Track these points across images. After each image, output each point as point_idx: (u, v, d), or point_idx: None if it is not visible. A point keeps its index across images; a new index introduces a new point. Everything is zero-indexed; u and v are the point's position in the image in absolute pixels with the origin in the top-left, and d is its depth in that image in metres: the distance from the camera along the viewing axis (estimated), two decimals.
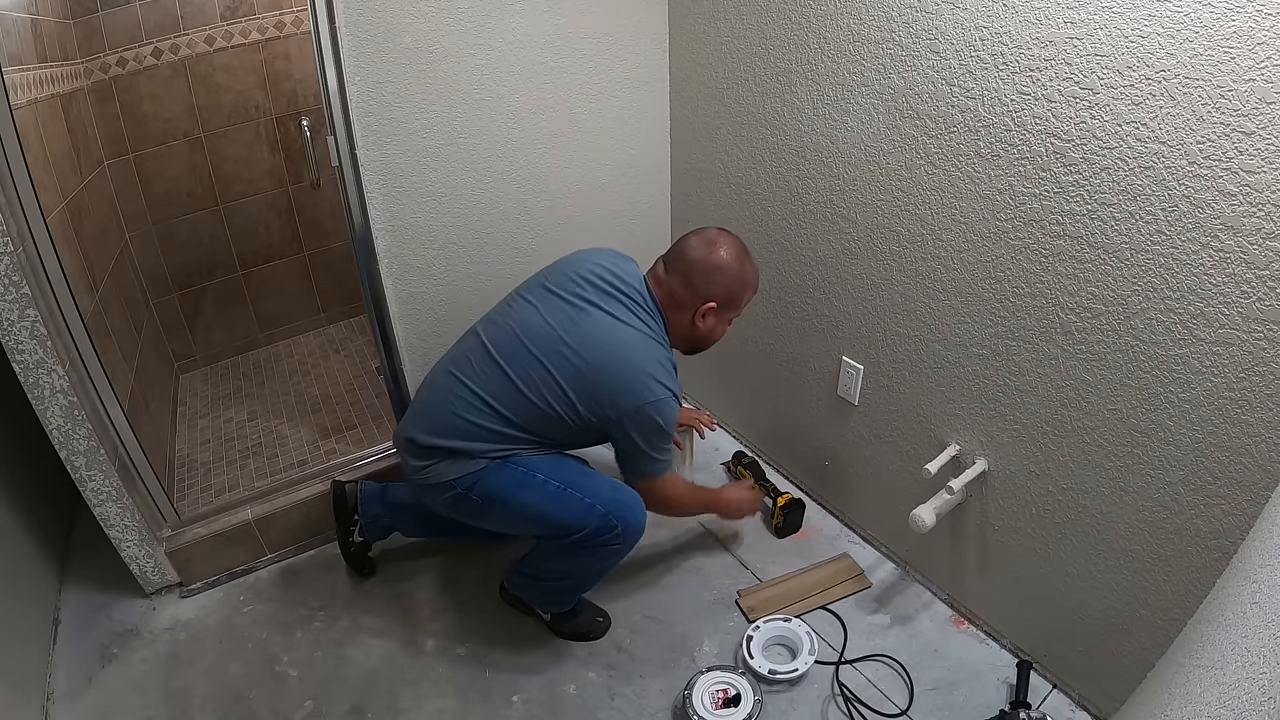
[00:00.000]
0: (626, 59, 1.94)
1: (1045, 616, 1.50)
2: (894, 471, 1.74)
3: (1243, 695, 0.65)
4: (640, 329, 1.45)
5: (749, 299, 1.55)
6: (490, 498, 1.44)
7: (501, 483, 1.43)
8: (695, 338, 1.54)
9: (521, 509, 1.44)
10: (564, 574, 1.57)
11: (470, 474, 1.43)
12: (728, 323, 1.56)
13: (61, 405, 1.53)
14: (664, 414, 1.42)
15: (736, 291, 1.51)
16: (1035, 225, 1.28)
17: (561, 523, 1.45)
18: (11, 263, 1.39)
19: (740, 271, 1.50)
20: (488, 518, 1.49)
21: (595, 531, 1.44)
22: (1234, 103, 0.99)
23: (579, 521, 1.44)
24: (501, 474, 1.43)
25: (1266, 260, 1.01)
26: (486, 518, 1.49)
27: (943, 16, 1.31)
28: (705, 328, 1.52)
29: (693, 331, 1.52)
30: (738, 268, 1.50)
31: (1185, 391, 1.15)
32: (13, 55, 1.66)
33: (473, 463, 1.43)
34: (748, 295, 1.54)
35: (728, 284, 1.49)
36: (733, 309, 1.53)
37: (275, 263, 2.81)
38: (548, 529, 1.47)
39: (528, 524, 1.49)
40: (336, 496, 1.78)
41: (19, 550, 1.69)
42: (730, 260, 1.49)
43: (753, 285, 1.54)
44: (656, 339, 1.47)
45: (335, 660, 1.64)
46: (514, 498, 1.43)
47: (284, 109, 2.59)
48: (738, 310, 1.55)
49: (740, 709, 1.44)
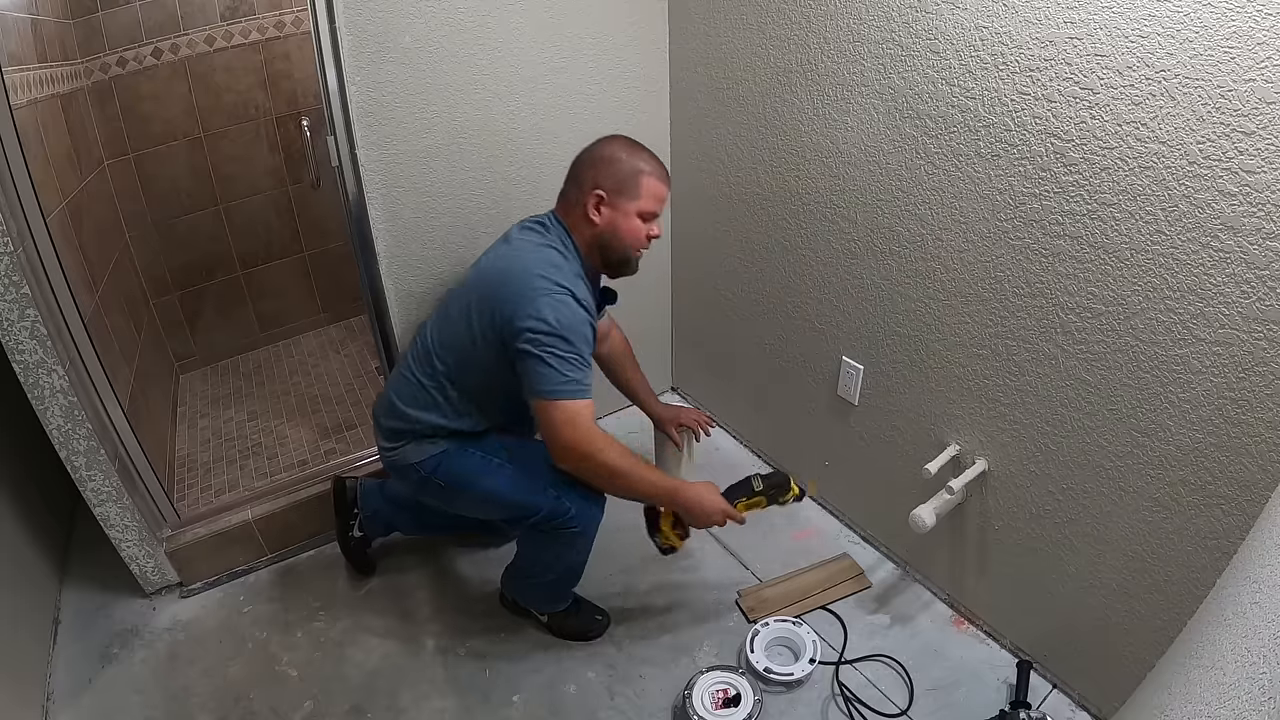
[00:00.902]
0: (626, 59, 1.94)
1: (1045, 616, 1.50)
2: (894, 471, 1.74)
3: (1243, 695, 0.65)
4: (537, 242, 1.41)
5: (651, 187, 1.39)
6: (451, 481, 1.48)
7: (462, 466, 1.48)
8: (599, 238, 1.41)
9: (480, 491, 1.48)
10: (544, 568, 1.58)
11: (432, 457, 1.47)
12: (636, 216, 1.40)
13: (61, 405, 1.53)
14: (555, 309, 1.30)
15: (627, 176, 1.38)
16: (1035, 225, 1.28)
17: (518, 504, 1.46)
18: (11, 263, 1.39)
19: (627, 156, 1.39)
20: (452, 501, 1.53)
21: (550, 514, 1.45)
22: (1234, 103, 0.99)
23: (534, 503, 1.45)
24: (461, 457, 1.48)
25: (1266, 260, 1.01)
26: (451, 501, 1.53)
27: (943, 16, 1.31)
28: (603, 222, 1.40)
29: (594, 230, 1.41)
30: (624, 154, 1.39)
31: (1185, 391, 1.15)
32: (13, 55, 1.66)
33: (434, 445, 1.48)
34: (646, 182, 1.39)
35: (613, 170, 1.38)
36: (629, 197, 1.38)
37: (275, 263, 2.81)
38: (506, 512, 1.50)
39: (487, 506, 1.52)
40: (337, 491, 1.80)
41: (19, 550, 1.70)
42: (614, 148, 1.40)
43: (651, 172, 1.39)
44: (555, 247, 1.40)
45: (335, 660, 1.64)
46: (473, 480, 1.47)
47: (284, 109, 2.59)
48: (637, 198, 1.39)
49: (740, 709, 1.44)
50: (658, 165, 1.42)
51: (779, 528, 1.96)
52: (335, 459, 2.11)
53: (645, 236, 1.43)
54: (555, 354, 1.30)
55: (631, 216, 1.40)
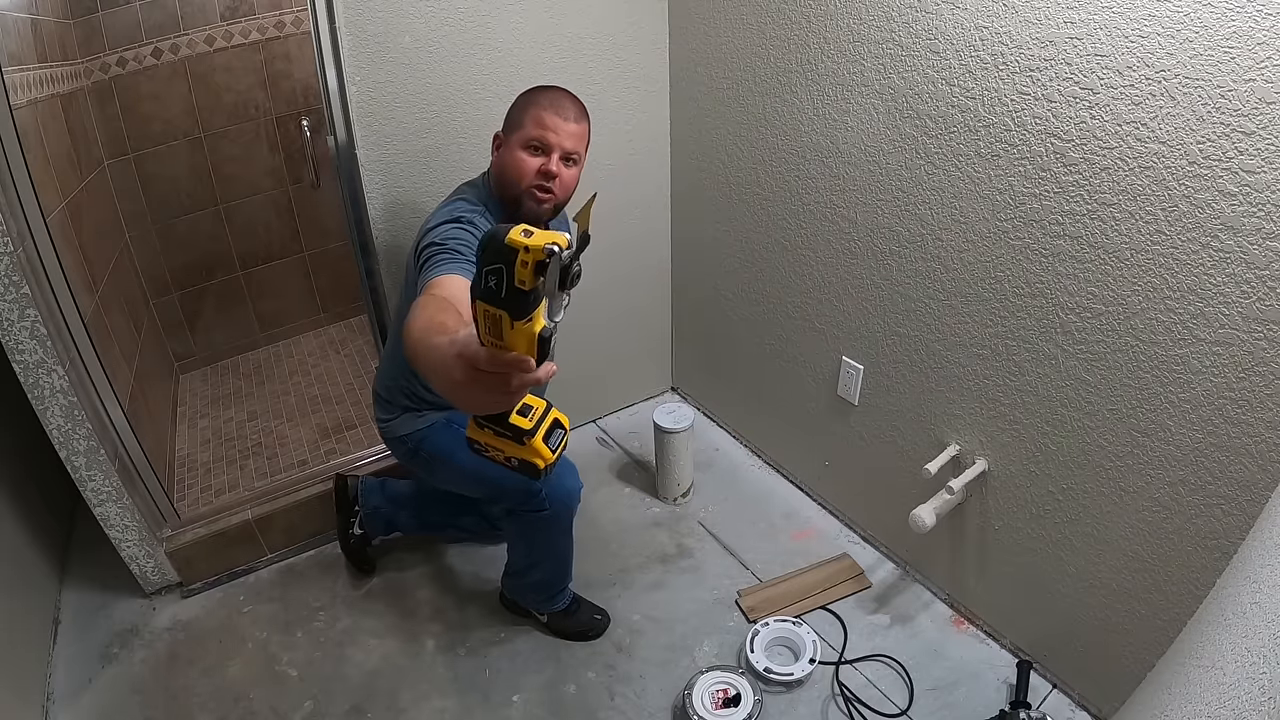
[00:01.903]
0: (626, 59, 1.94)
1: (1045, 616, 1.50)
2: (894, 471, 1.74)
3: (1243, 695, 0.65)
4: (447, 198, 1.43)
5: (536, 117, 1.35)
6: (435, 453, 1.53)
7: (446, 440, 1.52)
8: (497, 179, 1.40)
9: (461, 466, 1.50)
10: (532, 563, 1.58)
11: (419, 430, 1.54)
12: (520, 148, 1.36)
13: (61, 405, 1.53)
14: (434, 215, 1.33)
15: (517, 111, 1.38)
16: (1035, 225, 1.28)
17: (494, 482, 1.47)
18: (11, 263, 1.39)
19: (526, 95, 1.39)
20: (437, 473, 1.58)
21: (524, 494, 1.45)
22: (1234, 103, 0.99)
23: (507, 481, 1.43)
24: (446, 432, 1.53)
25: (1266, 260, 1.01)
26: (436, 473, 1.58)
27: (943, 16, 1.31)
28: (498, 160, 1.40)
29: (494, 171, 1.41)
30: (527, 94, 1.39)
31: (1185, 391, 1.15)
32: (13, 55, 1.66)
33: (422, 419, 1.54)
34: (532, 113, 1.36)
35: (511, 110, 1.40)
36: (515, 129, 1.37)
37: (275, 263, 2.81)
38: (483, 488, 1.54)
39: (467, 482, 1.56)
40: (338, 488, 1.81)
41: (19, 550, 1.69)
42: (525, 92, 1.40)
43: (540, 103, 1.36)
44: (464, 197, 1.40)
45: (335, 660, 1.64)
46: (453, 454, 1.51)
47: (284, 109, 2.59)
48: (521, 128, 1.36)
49: (740, 709, 1.44)
50: (557, 97, 1.37)
51: (779, 528, 1.96)
52: (335, 459, 2.10)
53: (534, 170, 1.34)
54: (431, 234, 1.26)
55: (515, 149, 1.35)
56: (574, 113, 1.37)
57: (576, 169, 1.40)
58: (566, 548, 1.59)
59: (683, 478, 2.02)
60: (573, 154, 1.37)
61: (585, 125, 1.40)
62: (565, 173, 1.37)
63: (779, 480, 2.12)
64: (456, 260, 1.17)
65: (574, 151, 1.37)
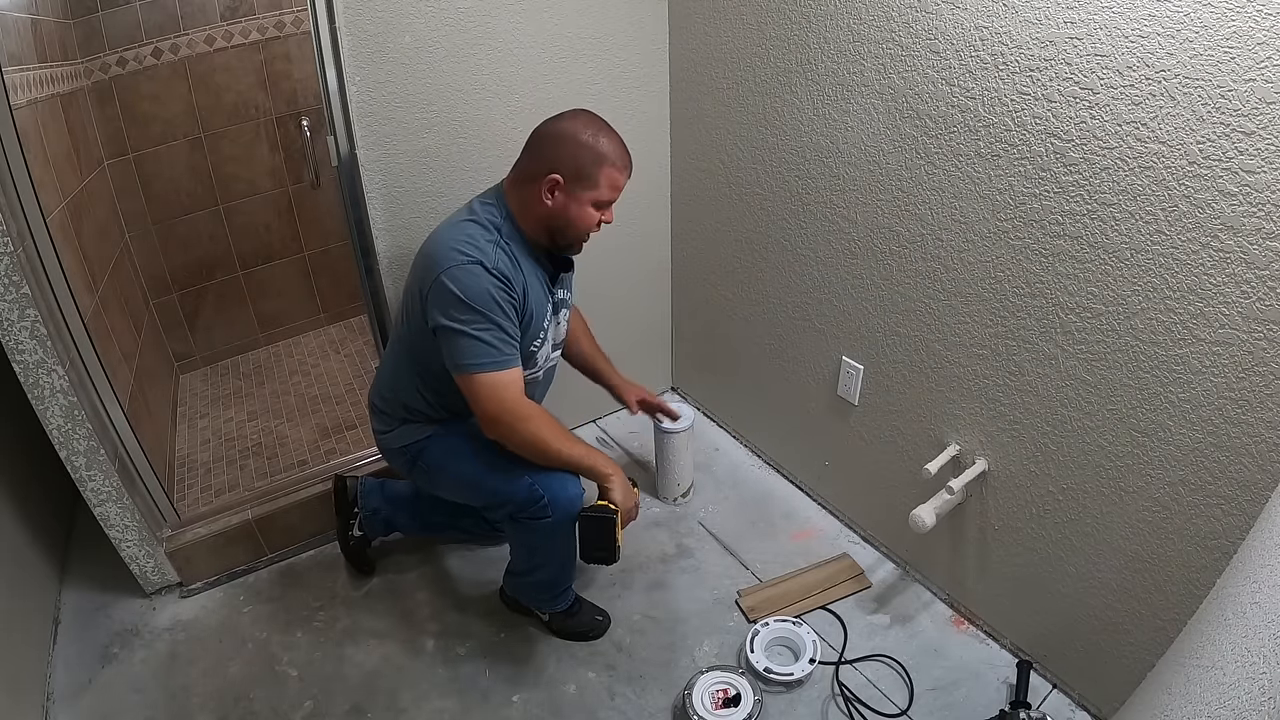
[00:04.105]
0: (626, 59, 1.94)
1: (1045, 616, 1.50)
2: (894, 471, 1.74)
3: (1243, 695, 0.65)
4: (459, 219, 1.40)
5: (610, 177, 1.36)
6: (436, 464, 1.52)
7: (445, 450, 1.51)
8: (547, 218, 1.38)
9: (461, 475, 1.49)
10: (535, 565, 1.58)
11: (417, 441, 1.52)
12: (590, 205, 1.37)
13: (61, 405, 1.53)
14: (460, 280, 1.28)
15: (585, 163, 1.34)
16: (1035, 225, 1.28)
17: (495, 490, 1.46)
18: (11, 263, 1.39)
19: (590, 141, 1.34)
20: (437, 483, 1.56)
21: (525, 502, 1.43)
22: (1234, 103, 0.99)
23: (510, 490, 1.43)
24: (444, 442, 1.52)
25: (1266, 260, 1.01)
26: (436, 483, 1.56)
27: (943, 16, 1.31)
28: (555, 206, 1.36)
29: (542, 209, 1.37)
30: (587, 136, 1.34)
31: (1185, 391, 1.15)
32: (13, 55, 1.66)
33: (420, 429, 1.52)
34: (606, 172, 1.35)
35: (574, 152, 1.33)
36: (586, 186, 1.35)
37: (275, 263, 2.81)
38: (485, 497, 1.51)
39: (467, 491, 1.53)
40: (337, 489, 1.81)
41: (19, 550, 1.69)
42: (578, 127, 1.35)
43: (613, 161, 1.35)
44: (479, 221, 1.38)
45: (335, 660, 1.64)
46: (453, 465, 1.50)
47: (284, 109, 2.59)
48: (595, 188, 1.35)
49: (740, 709, 1.44)
50: (620, 151, 1.37)
51: (779, 528, 1.96)
52: (335, 459, 2.10)
53: (596, 223, 1.40)
54: (468, 325, 1.29)
55: (585, 205, 1.37)
56: (631, 165, 1.41)
57: None
58: (569, 550, 1.58)
59: (683, 478, 2.03)
60: None
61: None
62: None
63: (779, 480, 2.12)
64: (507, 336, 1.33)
65: None
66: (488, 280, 1.30)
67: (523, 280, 1.38)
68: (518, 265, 1.38)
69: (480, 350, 1.30)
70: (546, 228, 1.40)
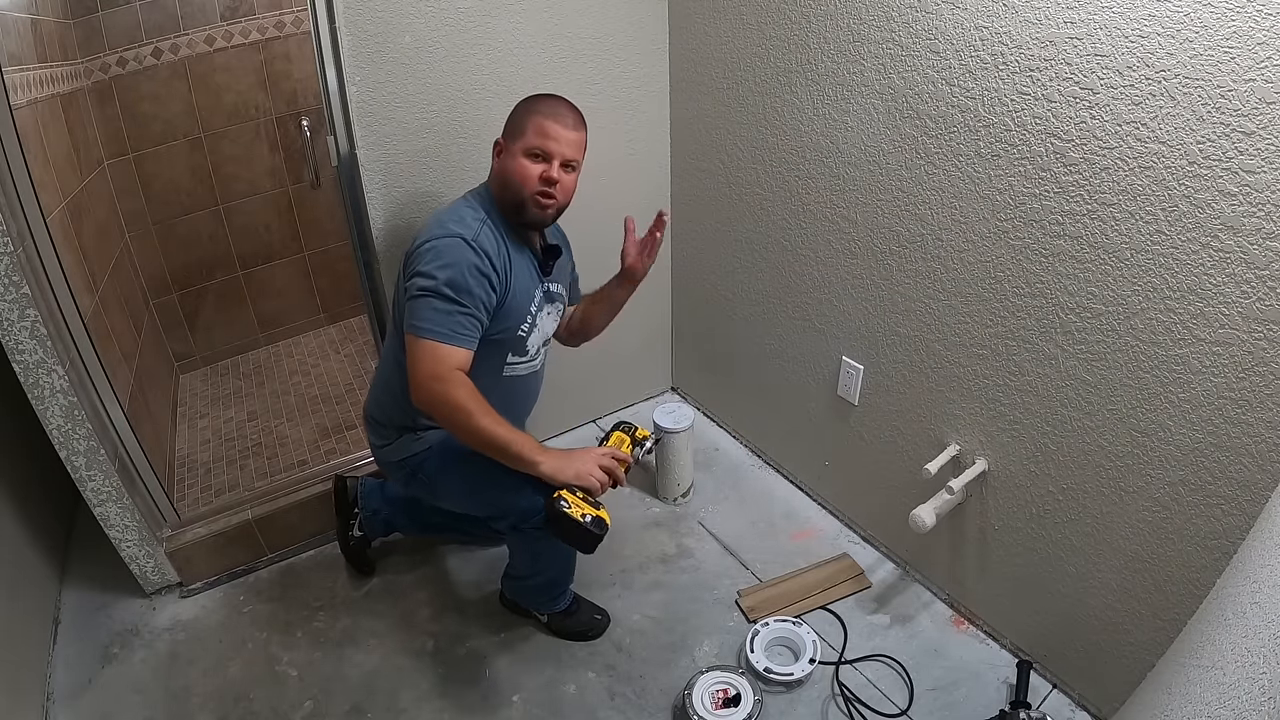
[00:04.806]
0: (626, 59, 1.94)
1: (1045, 616, 1.50)
2: (894, 471, 1.74)
3: (1243, 695, 0.65)
4: (449, 204, 1.44)
5: (538, 125, 1.37)
6: (434, 476, 1.51)
7: (445, 462, 1.50)
8: (500, 186, 1.42)
9: (462, 487, 1.50)
10: (534, 570, 1.58)
11: (418, 454, 1.51)
12: (522, 155, 1.38)
13: (61, 405, 1.53)
14: (440, 251, 1.32)
15: (518, 118, 1.40)
16: (1035, 225, 1.28)
17: (496, 501, 1.46)
18: (11, 263, 1.39)
19: (528, 103, 1.41)
20: (437, 494, 1.55)
21: (527, 511, 1.42)
22: (1234, 103, 0.99)
23: (511, 500, 1.43)
24: (444, 454, 1.50)
25: (1266, 260, 1.01)
26: (436, 494, 1.56)
27: (943, 16, 1.31)
28: (499, 168, 1.41)
29: (495, 180, 1.44)
30: (527, 102, 1.42)
31: (1185, 391, 1.15)
32: (13, 55, 1.66)
33: (419, 441, 1.51)
34: (533, 120, 1.38)
35: (511, 117, 1.42)
36: (516, 137, 1.39)
37: (275, 263, 2.81)
38: (486, 508, 1.51)
39: (468, 502, 1.54)
40: (337, 490, 1.81)
41: (19, 550, 1.69)
42: (524, 100, 1.43)
43: (540, 110, 1.39)
44: (469, 204, 1.42)
45: (335, 660, 1.64)
46: (455, 476, 1.49)
47: (284, 109, 2.59)
48: (523, 136, 1.38)
49: (740, 709, 1.44)
50: (554, 104, 1.40)
51: (779, 528, 1.96)
52: (335, 459, 2.10)
53: (536, 177, 1.37)
54: (435, 294, 1.30)
55: (517, 156, 1.38)
56: (573, 120, 1.40)
57: (575, 175, 1.43)
58: (569, 554, 1.58)
59: (683, 478, 2.03)
60: (572, 161, 1.41)
61: (583, 133, 1.43)
62: (565, 179, 1.40)
63: (779, 480, 2.12)
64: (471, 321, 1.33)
65: (573, 159, 1.41)
66: (468, 253, 1.32)
67: (505, 257, 1.40)
68: (503, 242, 1.40)
69: (439, 320, 1.30)
70: (503, 198, 1.42)
